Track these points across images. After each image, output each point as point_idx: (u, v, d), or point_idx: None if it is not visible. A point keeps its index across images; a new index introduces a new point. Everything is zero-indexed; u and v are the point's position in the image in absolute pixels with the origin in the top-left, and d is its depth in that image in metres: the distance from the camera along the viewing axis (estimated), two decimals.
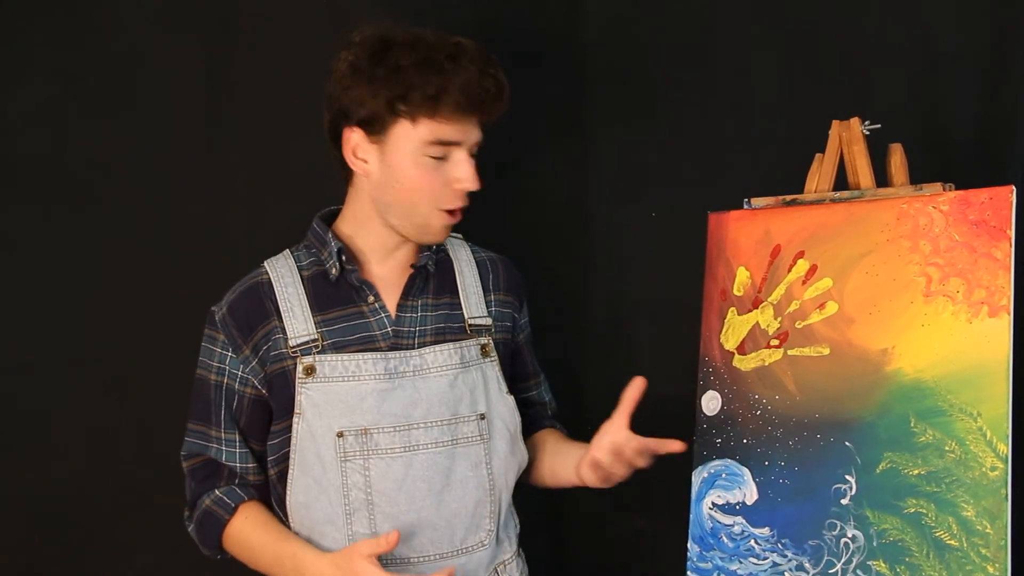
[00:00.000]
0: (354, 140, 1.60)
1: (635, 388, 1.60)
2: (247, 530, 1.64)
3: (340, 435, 1.58)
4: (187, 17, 2.01)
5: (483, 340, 1.69)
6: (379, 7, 1.67)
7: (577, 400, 1.95)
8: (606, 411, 1.83)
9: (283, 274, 1.67)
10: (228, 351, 1.66)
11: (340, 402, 1.59)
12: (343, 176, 1.66)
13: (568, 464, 1.68)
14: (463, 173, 1.59)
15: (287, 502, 1.64)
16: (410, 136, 1.57)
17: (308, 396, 1.60)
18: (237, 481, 1.68)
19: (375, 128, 1.58)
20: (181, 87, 2.02)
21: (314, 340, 1.62)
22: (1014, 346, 1.43)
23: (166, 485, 1.98)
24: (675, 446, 1.57)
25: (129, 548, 2.04)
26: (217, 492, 1.67)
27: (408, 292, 1.66)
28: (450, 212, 1.61)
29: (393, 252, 1.67)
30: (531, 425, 1.80)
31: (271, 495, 1.68)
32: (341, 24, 1.68)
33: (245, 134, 2.02)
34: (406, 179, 1.58)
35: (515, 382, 1.78)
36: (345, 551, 1.55)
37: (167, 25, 2.01)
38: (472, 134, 1.60)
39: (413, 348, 1.63)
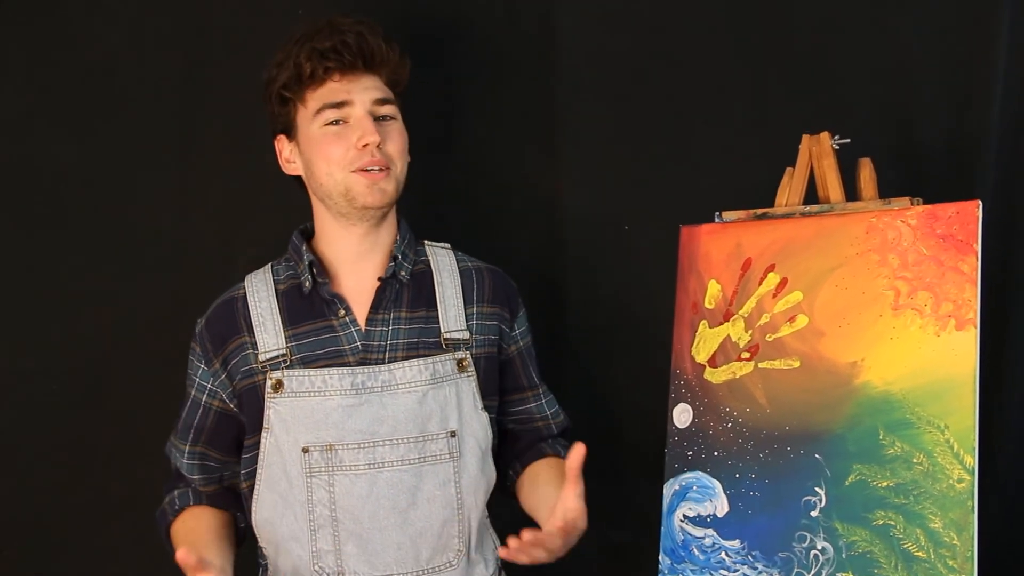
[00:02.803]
0: (282, 149, 1.69)
1: (577, 457, 1.44)
2: (180, 533, 1.67)
3: (305, 450, 1.58)
4: (162, 27, 2.01)
5: (460, 355, 1.66)
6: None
7: None
8: (579, 424, 1.83)
9: (259, 288, 1.67)
10: (201, 364, 1.68)
11: (306, 417, 1.59)
12: (305, 193, 1.70)
13: (541, 518, 1.60)
14: (362, 129, 1.60)
15: (252, 518, 1.64)
16: (306, 117, 1.63)
17: (276, 411, 1.60)
18: (192, 486, 1.70)
19: (288, 130, 1.66)
20: (155, 97, 2.01)
21: (283, 355, 1.62)
22: (980, 359, 1.44)
23: (139, 495, 1.97)
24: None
25: (106, 557, 2.04)
26: (175, 493, 1.71)
27: (378, 305, 1.65)
28: (367, 171, 1.61)
29: (361, 261, 1.67)
30: (529, 448, 1.75)
31: (243, 506, 1.68)
32: None
33: (219, 145, 2.02)
34: (317, 154, 1.62)
35: (508, 395, 1.75)
36: None
37: (142, 35, 2.01)
38: (362, 92, 1.62)
39: (383, 363, 1.62)
